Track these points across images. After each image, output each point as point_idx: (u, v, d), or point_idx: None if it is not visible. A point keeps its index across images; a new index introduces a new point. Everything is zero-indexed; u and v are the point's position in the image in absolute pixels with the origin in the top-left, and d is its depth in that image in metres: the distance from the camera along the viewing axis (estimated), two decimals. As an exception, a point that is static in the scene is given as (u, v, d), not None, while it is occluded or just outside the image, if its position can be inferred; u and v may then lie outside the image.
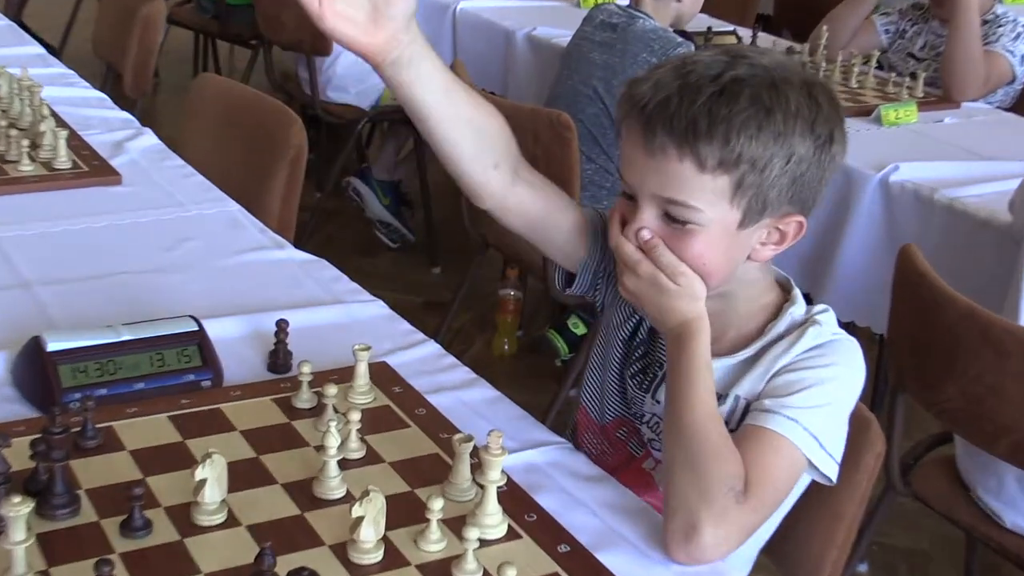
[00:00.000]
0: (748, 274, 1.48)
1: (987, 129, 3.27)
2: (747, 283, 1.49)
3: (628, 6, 3.20)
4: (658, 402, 1.54)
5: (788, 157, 1.36)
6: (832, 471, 1.41)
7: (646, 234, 1.40)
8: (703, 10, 4.27)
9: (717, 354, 1.45)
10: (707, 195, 1.36)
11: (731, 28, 4.00)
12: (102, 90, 3.00)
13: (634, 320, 1.59)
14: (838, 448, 1.42)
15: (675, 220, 1.39)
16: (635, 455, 1.60)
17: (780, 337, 1.46)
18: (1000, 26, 3.52)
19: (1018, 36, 3.50)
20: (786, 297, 1.51)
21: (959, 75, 3.43)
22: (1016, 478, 2.12)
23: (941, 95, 3.48)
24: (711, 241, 1.39)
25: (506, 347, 3.69)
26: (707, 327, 1.40)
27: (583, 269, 1.60)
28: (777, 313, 1.49)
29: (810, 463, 1.39)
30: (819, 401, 1.40)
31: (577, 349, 3.30)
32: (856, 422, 1.55)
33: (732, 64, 1.36)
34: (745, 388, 1.45)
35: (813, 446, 1.38)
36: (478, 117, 1.47)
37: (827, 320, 1.48)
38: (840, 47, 3.72)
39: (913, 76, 3.58)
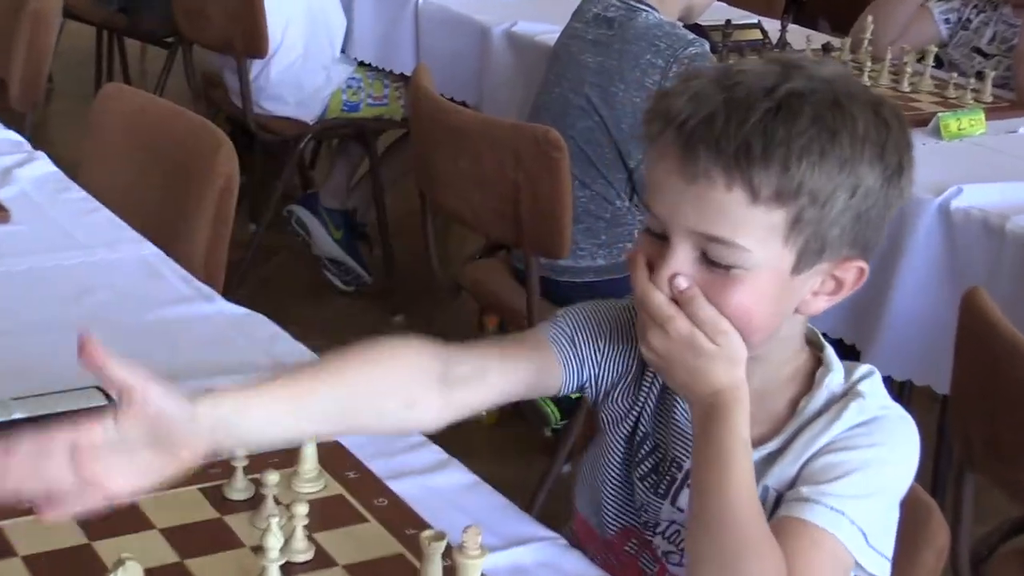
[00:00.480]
0: (784, 330, 1.47)
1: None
2: (781, 341, 1.48)
3: None
4: (680, 510, 1.54)
5: (854, 189, 1.36)
6: (882, 571, 1.42)
7: (682, 282, 1.37)
8: (721, -1, 4.31)
9: None
10: (758, 232, 1.36)
11: (755, 20, 4.03)
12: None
13: (635, 412, 1.60)
14: (888, 544, 1.43)
15: (716, 264, 1.37)
16: (647, 572, 1.60)
17: (817, 414, 1.46)
18: None
19: None
20: (817, 357, 1.51)
21: None
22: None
23: (1015, 99, 3.52)
24: (758, 290, 1.38)
25: (485, 414, 3.70)
26: (746, 397, 1.40)
27: (565, 384, 1.59)
28: (810, 384, 1.48)
29: (856, 563, 1.41)
30: (866, 489, 1.41)
31: (571, 415, 3.31)
32: (912, 510, 1.57)
33: (786, 75, 1.36)
34: (775, 477, 1.46)
35: (860, 542, 1.40)
36: (370, 384, 1.41)
37: (872, 390, 1.48)
38: (889, 42, 3.75)
39: (980, 76, 3.61)
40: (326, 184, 4.64)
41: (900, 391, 3.15)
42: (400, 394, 1.43)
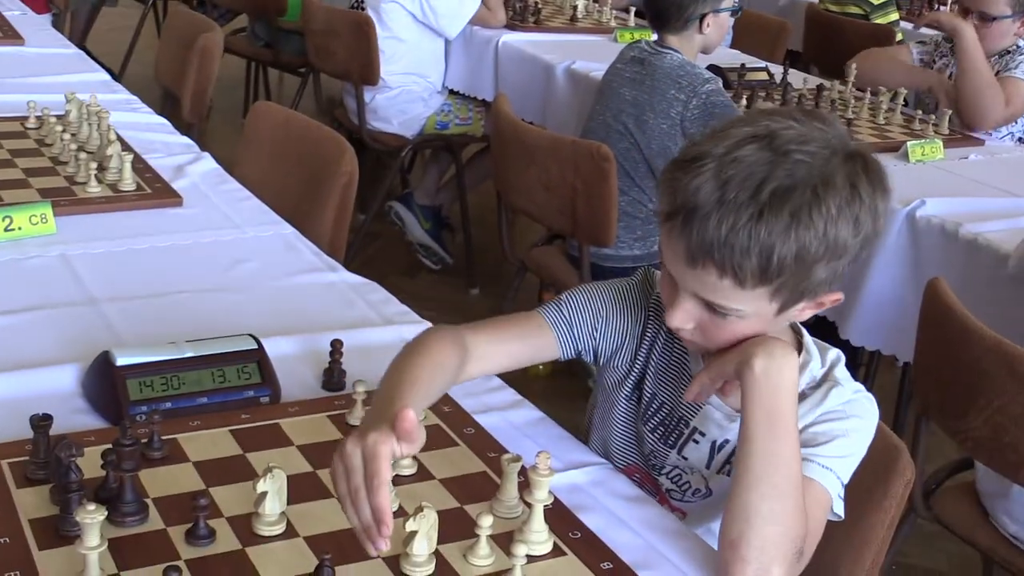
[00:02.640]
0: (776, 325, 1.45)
1: (1011, 166, 3.25)
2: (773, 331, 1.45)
3: (656, 42, 3.18)
4: (685, 459, 1.54)
5: (829, 258, 1.32)
6: (841, 510, 1.42)
7: (686, 334, 1.43)
8: (736, 46, 4.28)
9: (735, 407, 1.45)
10: (747, 300, 1.35)
11: (763, 65, 3.99)
12: (161, 114, 3.04)
13: (637, 371, 1.58)
14: (842, 489, 1.43)
15: (715, 311, 1.38)
16: None
17: (802, 395, 1.43)
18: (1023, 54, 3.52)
19: None
20: (798, 342, 1.49)
21: (969, 107, 3.47)
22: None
23: (965, 131, 3.48)
24: (751, 325, 1.38)
25: (541, 368, 3.69)
26: (795, 362, 1.38)
27: (563, 354, 1.59)
28: None
29: (831, 507, 1.41)
30: (846, 451, 1.41)
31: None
32: (886, 450, 1.56)
33: (774, 168, 1.29)
34: None
35: (838, 491, 1.40)
36: (445, 383, 1.45)
37: (844, 376, 1.47)
38: (868, 82, 3.71)
39: (935, 112, 3.56)
40: (420, 185, 4.64)
41: (871, 357, 3.12)
42: (449, 381, 1.45)
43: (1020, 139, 3.62)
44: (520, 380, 1.72)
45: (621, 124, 3.12)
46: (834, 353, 1.49)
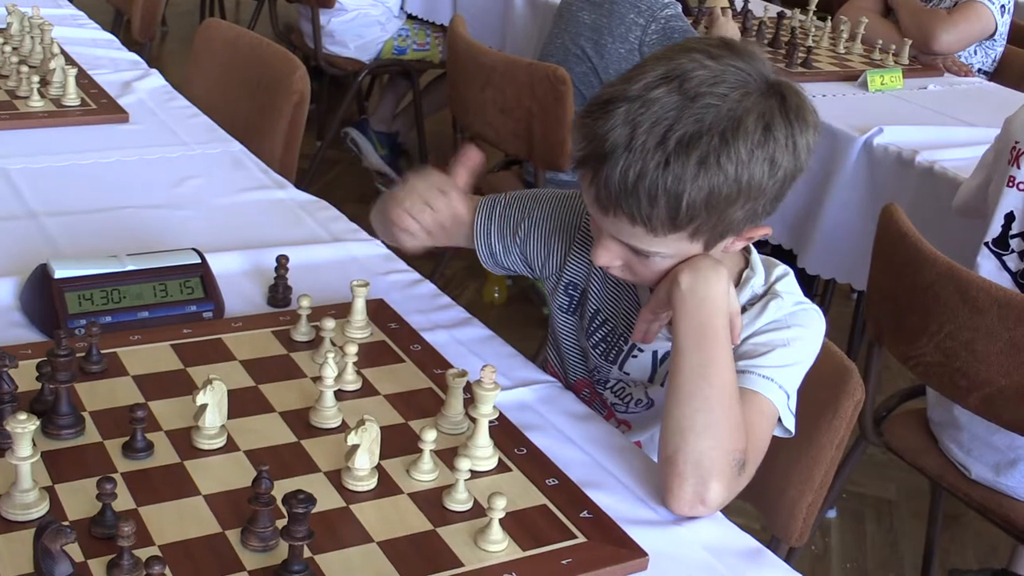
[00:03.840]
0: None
1: (969, 97, 3.24)
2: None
3: None
4: (627, 373, 1.54)
5: (745, 200, 1.29)
6: (791, 425, 1.41)
7: (615, 271, 1.42)
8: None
9: None
10: (665, 243, 1.32)
11: (723, -8, 3.94)
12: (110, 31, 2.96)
13: (569, 287, 1.57)
14: (794, 403, 1.41)
15: (638, 252, 1.35)
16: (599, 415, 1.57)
17: (742, 310, 1.40)
18: None
19: None
20: (746, 261, 1.47)
21: (912, 35, 3.46)
22: (982, 431, 2.12)
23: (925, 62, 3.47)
24: (676, 260, 1.36)
25: (496, 295, 3.67)
26: (724, 276, 1.35)
27: (478, 251, 1.60)
28: (738, 282, 1.43)
29: (779, 420, 1.39)
30: (789, 360, 1.39)
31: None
32: (835, 371, 1.55)
33: (682, 113, 1.25)
34: None
35: (783, 403, 1.38)
36: None
37: (787, 288, 1.44)
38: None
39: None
40: (376, 111, 4.59)
41: (826, 287, 3.12)
42: None
43: (981, 70, 3.61)
44: (476, 306, 1.70)
45: (579, 48, 3.07)
46: (780, 269, 1.46)
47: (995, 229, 2.15)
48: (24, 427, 1.12)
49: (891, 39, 3.47)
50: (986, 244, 2.16)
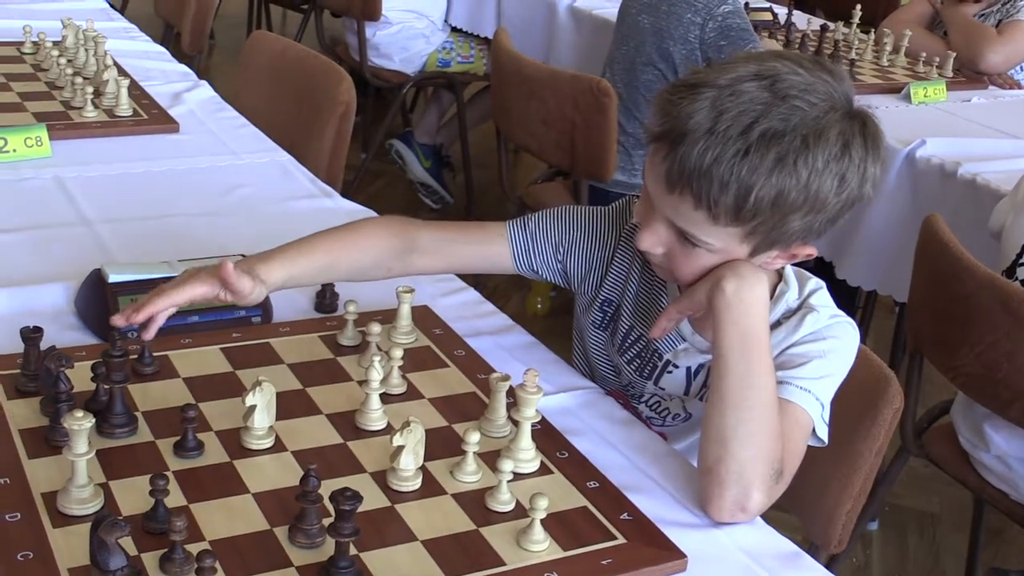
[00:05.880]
0: None
1: (1013, 110, 3.23)
2: None
3: None
4: (662, 388, 1.55)
5: (807, 212, 1.30)
6: (824, 435, 1.41)
7: (656, 258, 1.42)
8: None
9: (709, 340, 1.43)
10: (719, 235, 1.33)
11: (767, 6, 3.95)
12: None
13: (606, 304, 1.58)
14: (827, 414, 1.42)
15: (686, 240, 1.36)
16: None
17: (776, 323, 1.42)
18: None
19: None
20: (779, 275, 1.47)
21: (961, 51, 3.44)
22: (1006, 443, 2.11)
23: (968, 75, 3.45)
24: (719, 259, 1.37)
25: (539, 305, 3.70)
26: (765, 282, 1.36)
27: (519, 270, 1.59)
28: (772, 295, 1.43)
29: (813, 430, 1.40)
30: (824, 372, 1.40)
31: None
32: (875, 379, 1.56)
33: (769, 109, 1.26)
34: None
35: (818, 413, 1.39)
36: (355, 261, 1.52)
37: (821, 302, 1.45)
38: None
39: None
40: (420, 123, 4.61)
41: (867, 299, 3.12)
42: (378, 264, 1.53)
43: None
44: (520, 317, 1.72)
45: (644, 56, 3.06)
46: (813, 282, 1.47)
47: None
48: (81, 424, 1.15)
49: (935, 51, 3.47)
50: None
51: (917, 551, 2.84)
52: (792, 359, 1.40)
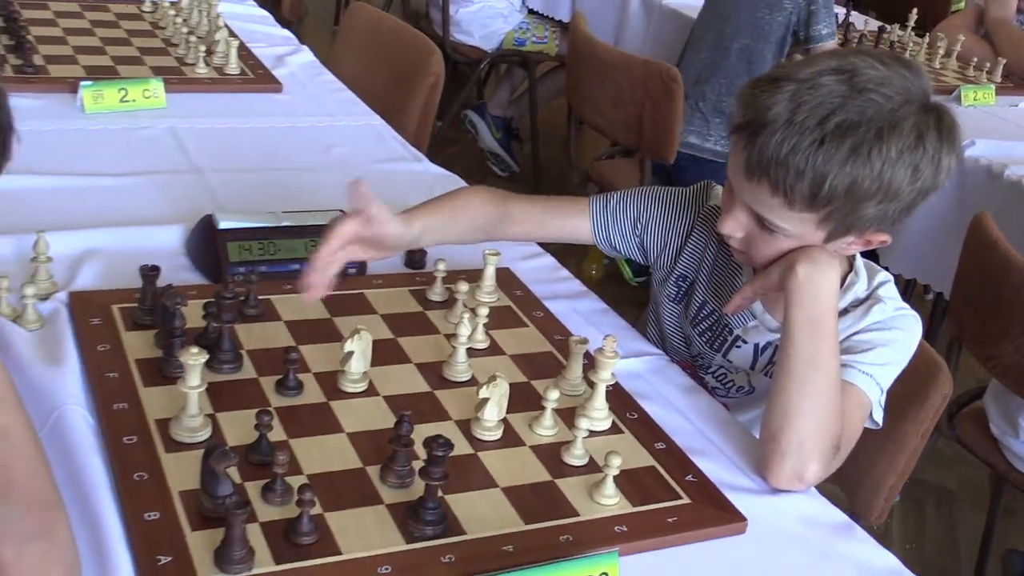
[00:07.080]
0: None
1: (1058, 117, 3.15)
2: None
3: None
4: (730, 361, 1.52)
5: (881, 200, 1.26)
6: (880, 418, 1.39)
7: (736, 243, 1.39)
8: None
9: (780, 320, 1.40)
10: (795, 221, 1.30)
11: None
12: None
13: (681, 279, 1.55)
14: (884, 399, 1.39)
15: (764, 226, 1.33)
16: None
17: (844, 312, 1.39)
18: None
19: None
20: (850, 262, 1.44)
21: (1008, 55, 3.36)
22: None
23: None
24: (795, 244, 1.34)
25: (594, 272, 3.67)
26: (837, 269, 1.33)
27: (599, 244, 1.57)
28: (842, 284, 1.39)
29: (871, 414, 1.37)
30: (886, 359, 1.37)
31: (644, 275, 3.28)
32: (927, 366, 1.52)
33: (846, 101, 1.23)
34: None
35: (876, 397, 1.36)
36: (468, 223, 1.52)
37: (888, 294, 1.42)
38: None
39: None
40: (493, 97, 4.58)
41: (905, 288, 3.06)
42: (479, 227, 1.52)
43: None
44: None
45: (734, 27, 3.02)
46: (882, 275, 1.44)
47: None
48: (196, 360, 1.15)
49: (986, 57, 3.38)
50: None
51: (934, 523, 2.80)
52: (858, 344, 1.37)
